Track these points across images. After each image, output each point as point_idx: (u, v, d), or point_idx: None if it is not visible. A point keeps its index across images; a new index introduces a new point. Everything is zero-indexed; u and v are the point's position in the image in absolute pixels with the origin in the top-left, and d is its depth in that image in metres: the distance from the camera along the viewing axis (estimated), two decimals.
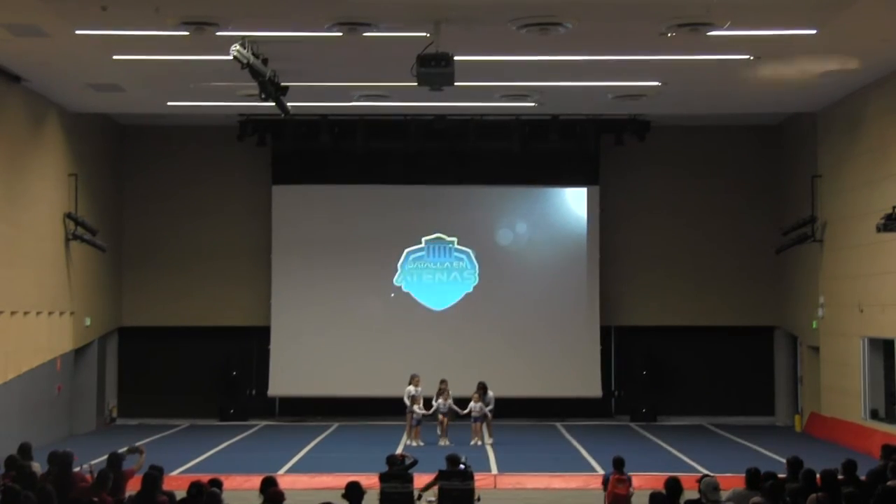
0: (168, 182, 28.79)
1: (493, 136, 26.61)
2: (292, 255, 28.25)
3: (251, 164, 28.52)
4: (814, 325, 25.88)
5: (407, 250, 28.27)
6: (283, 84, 18.30)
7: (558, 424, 27.11)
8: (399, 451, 20.35)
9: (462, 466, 14.11)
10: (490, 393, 23.51)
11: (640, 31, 17.63)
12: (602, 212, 28.33)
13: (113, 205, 28.11)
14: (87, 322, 26.19)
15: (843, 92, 23.12)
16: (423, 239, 28.29)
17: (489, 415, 23.37)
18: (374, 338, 28.01)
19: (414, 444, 22.78)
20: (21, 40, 18.30)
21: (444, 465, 14.22)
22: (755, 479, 12.02)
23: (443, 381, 23.70)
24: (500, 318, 28.07)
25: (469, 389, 23.69)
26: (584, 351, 27.99)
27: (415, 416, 23.23)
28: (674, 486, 11.44)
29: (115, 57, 19.52)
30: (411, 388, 23.47)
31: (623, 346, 28.94)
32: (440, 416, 23.38)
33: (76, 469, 13.40)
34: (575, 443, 23.83)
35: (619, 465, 13.84)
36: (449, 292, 28.28)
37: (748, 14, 16.73)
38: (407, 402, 23.35)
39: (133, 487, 12.49)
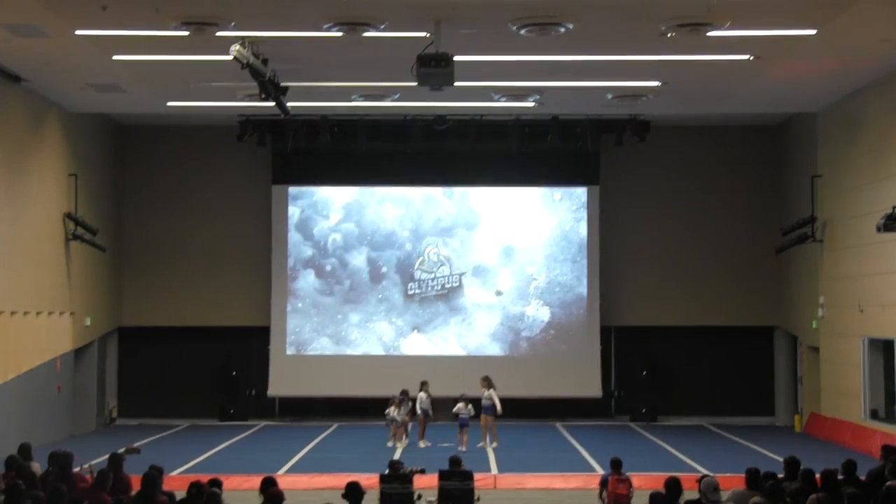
0: (168, 182, 28.80)
1: (493, 137, 26.61)
2: (292, 255, 28.26)
3: (251, 164, 28.52)
4: (814, 326, 25.87)
5: (408, 250, 28.30)
6: (283, 84, 18.29)
7: (558, 425, 27.10)
8: (397, 455, 20.32)
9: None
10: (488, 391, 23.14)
11: (640, 31, 17.64)
12: (602, 212, 28.34)
13: (113, 205, 28.11)
14: (87, 322, 26.19)
15: (843, 92, 23.12)
16: (423, 240, 28.33)
17: (498, 406, 22.72)
18: (374, 338, 28.02)
19: (399, 445, 22.66)
20: (21, 40, 18.31)
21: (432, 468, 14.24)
22: (755, 479, 12.03)
23: (423, 384, 23.39)
24: (499, 319, 28.09)
25: (469, 390, 23.52)
26: (584, 351, 28.01)
27: (391, 418, 23.00)
28: (674, 486, 11.45)
29: (115, 57, 19.53)
30: (391, 409, 23.15)
31: (623, 346, 28.93)
32: (419, 417, 23.06)
33: (76, 469, 13.41)
34: (575, 443, 23.82)
35: (616, 466, 13.86)
36: (448, 292, 28.30)
37: (748, 14, 16.74)
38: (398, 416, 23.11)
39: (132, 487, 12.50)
